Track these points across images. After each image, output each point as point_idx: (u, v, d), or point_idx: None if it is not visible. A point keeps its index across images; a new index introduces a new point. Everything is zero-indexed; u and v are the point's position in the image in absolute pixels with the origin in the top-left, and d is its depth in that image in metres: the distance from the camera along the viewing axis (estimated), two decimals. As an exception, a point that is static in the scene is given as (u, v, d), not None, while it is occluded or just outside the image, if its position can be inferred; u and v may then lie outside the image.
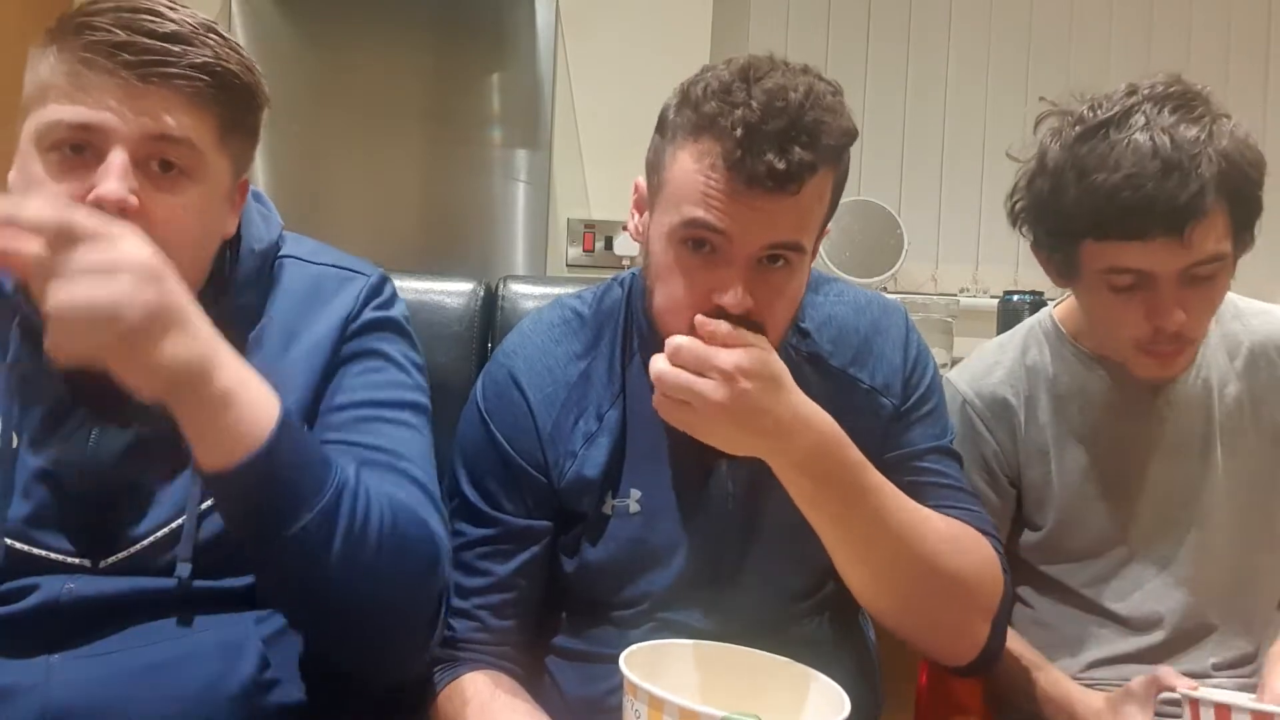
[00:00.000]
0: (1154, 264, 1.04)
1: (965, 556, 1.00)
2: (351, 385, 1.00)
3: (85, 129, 0.85)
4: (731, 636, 0.98)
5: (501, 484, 1.05)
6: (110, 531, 0.91)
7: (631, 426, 1.05)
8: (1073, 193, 1.06)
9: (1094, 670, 1.21)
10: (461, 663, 1.04)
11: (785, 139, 0.88)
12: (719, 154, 0.89)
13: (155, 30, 0.86)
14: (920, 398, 1.10)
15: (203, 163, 0.90)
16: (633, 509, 1.05)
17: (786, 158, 0.88)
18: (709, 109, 0.90)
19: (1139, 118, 1.04)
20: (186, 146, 0.88)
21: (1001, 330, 2.08)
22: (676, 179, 0.94)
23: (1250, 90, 2.88)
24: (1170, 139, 1.01)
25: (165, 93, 0.86)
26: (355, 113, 2.58)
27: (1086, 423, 1.21)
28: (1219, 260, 1.05)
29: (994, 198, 2.92)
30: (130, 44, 0.85)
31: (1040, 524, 1.23)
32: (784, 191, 0.89)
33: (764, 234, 0.91)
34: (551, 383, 1.06)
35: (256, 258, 1.00)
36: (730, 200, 0.90)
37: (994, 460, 1.23)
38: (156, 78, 0.85)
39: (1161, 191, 1.00)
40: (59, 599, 0.89)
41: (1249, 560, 1.19)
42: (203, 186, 0.90)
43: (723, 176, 0.89)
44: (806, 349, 1.08)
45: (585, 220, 2.68)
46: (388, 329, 1.05)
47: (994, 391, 1.24)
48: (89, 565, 0.91)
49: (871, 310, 1.12)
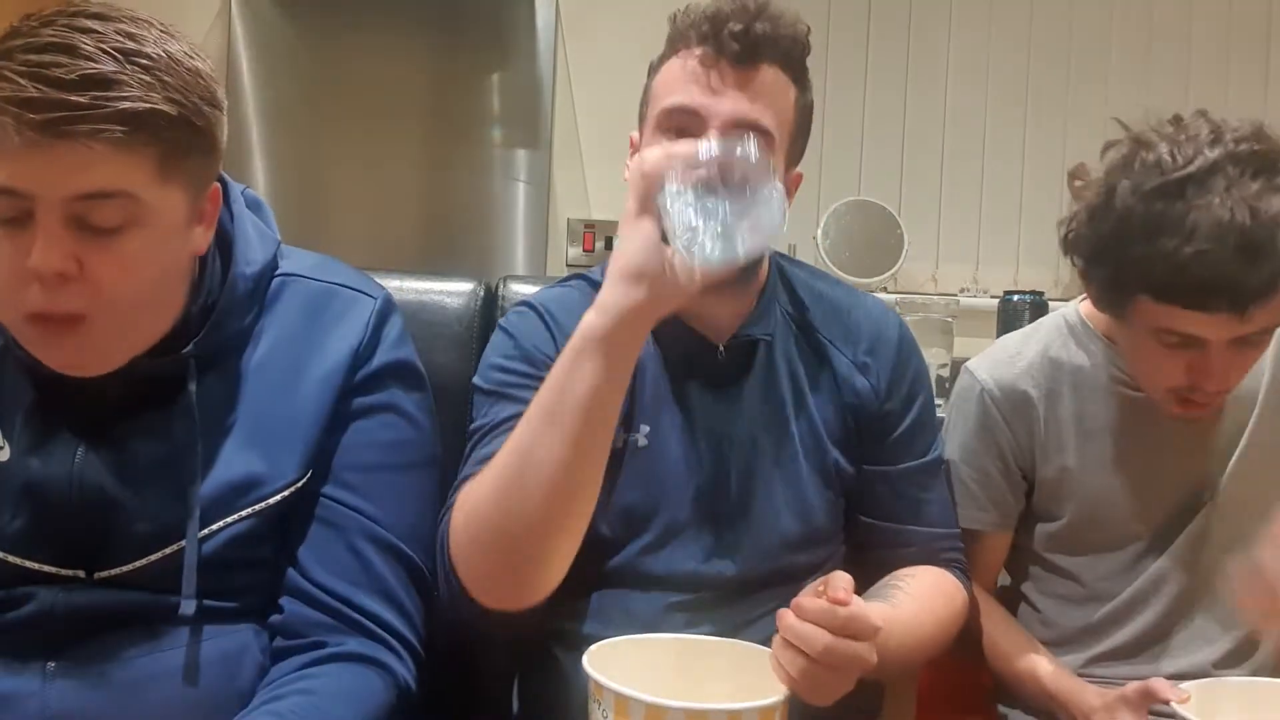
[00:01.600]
0: (1209, 333, 1.04)
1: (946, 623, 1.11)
2: (363, 444, 0.98)
3: (9, 194, 0.79)
4: (730, 586, 1.04)
5: (522, 376, 1.06)
6: (103, 549, 0.90)
7: (641, 364, 1.07)
8: (1140, 249, 1.02)
9: (1095, 666, 1.21)
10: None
11: (747, 17, 1.02)
12: (692, 39, 1.03)
13: (63, 79, 0.76)
14: (906, 400, 1.15)
15: (142, 207, 0.82)
16: (641, 443, 1.08)
17: (748, 27, 1.01)
18: (680, 22, 1.06)
19: (1219, 180, 0.99)
20: (120, 198, 0.81)
21: (1002, 331, 2.08)
22: (657, 86, 1.07)
23: (1251, 89, 2.87)
24: (1250, 214, 0.97)
25: (86, 148, 0.77)
26: (355, 113, 2.58)
27: (1110, 415, 1.21)
28: (1271, 330, 1.06)
29: (994, 198, 2.92)
30: (37, 100, 0.76)
31: (1058, 515, 1.24)
32: (748, 65, 1.02)
33: (732, 106, 1.01)
34: (569, 315, 1.07)
35: (249, 280, 0.95)
36: (702, 79, 1.02)
37: (1009, 451, 1.24)
38: (73, 135, 0.77)
39: (1234, 272, 0.98)
40: (53, 608, 0.88)
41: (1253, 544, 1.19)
42: (149, 229, 0.83)
43: (694, 57, 1.03)
44: (797, 312, 1.16)
45: (585, 220, 2.68)
46: (404, 377, 1.02)
47: (1014, 384, 1.24)
48: (83, 577, 0.90)
49: (870, 310, 1.19)
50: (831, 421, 1.12)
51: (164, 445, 0.91)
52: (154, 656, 0.89)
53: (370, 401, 0.98)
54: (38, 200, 0.79)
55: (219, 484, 0.91)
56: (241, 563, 0.93)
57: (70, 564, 0.90)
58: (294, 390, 0.95)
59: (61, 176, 0.78)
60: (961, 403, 1.26)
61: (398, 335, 1.02)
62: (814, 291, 1.18)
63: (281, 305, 0.98)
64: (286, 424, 0.94)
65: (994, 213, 2.93)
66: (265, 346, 0.96)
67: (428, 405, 1.05)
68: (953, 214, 2.94)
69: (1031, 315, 2.12)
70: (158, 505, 0.90)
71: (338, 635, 0.93)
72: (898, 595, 1.07)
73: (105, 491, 0.89)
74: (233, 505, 0.92)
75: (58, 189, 0.79)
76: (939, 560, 1.15)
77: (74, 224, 0.80)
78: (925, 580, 1.12)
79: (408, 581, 0.97)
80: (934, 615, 1.09)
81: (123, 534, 0.90)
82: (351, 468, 0.97)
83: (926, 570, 1.13)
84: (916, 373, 1.17)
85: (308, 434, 0.95)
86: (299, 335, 0.97)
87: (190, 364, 0.91)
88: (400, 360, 1.01)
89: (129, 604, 0.90)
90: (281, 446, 0.94)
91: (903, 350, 1.16)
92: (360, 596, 0.94)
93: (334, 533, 0.95)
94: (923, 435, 1.16)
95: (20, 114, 0.76)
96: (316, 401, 0.95)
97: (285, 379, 0.95)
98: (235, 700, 0.90)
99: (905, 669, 1.13)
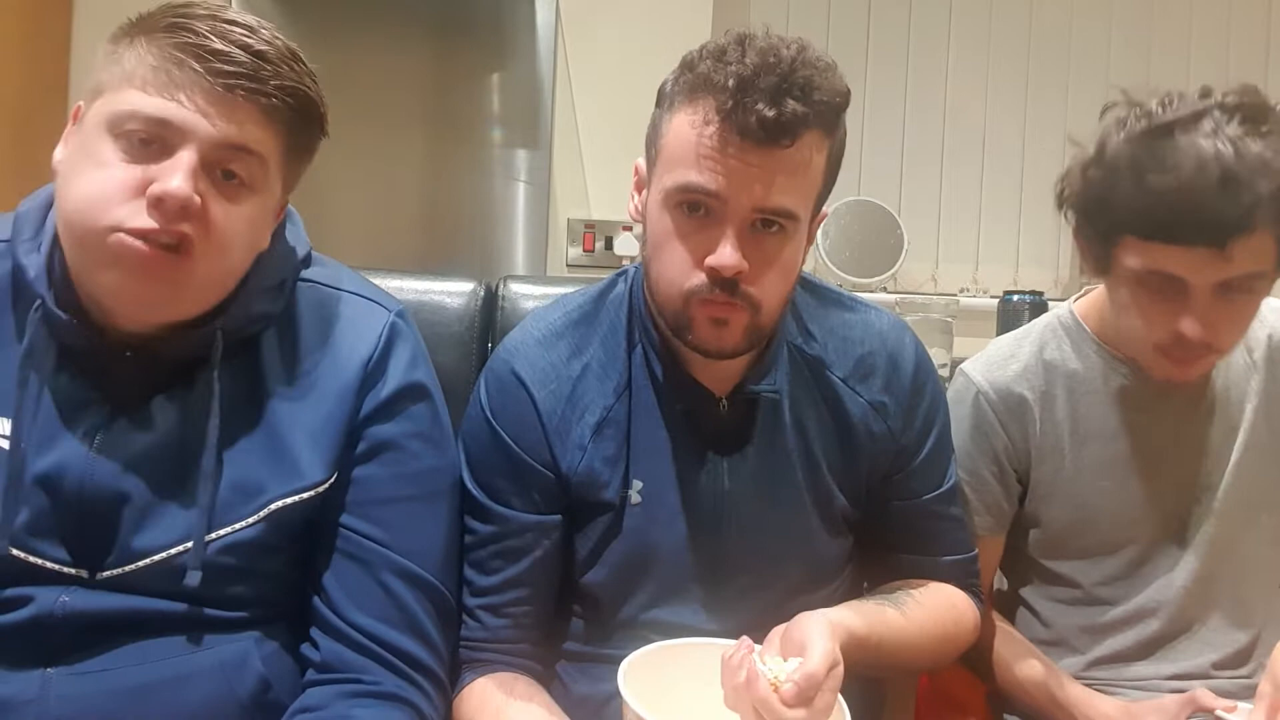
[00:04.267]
0: (1191, 272, 1.03)
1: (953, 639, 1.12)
2: (385, 477, 0.98)
3: (163, 124, 0.85)
4: (729, 633, 0.99)
5: (509, 481, 1.05)
6: (108, 543, 0.90)
7: (635, 418, 1.06)
8: (1126, 188, 1.05)
9: (1095, 669, 1.21)
10: (476, 665, 1.04)
11: (777, 91, 0.89)
12: (712, 108, 0.90)
13: (250, 45, 0.87)
14: (923, 432, 1.12)
15: (265, 177, 0.91)
16: (634, 500, 1.05)
17: (778, 107, 0.88)
18: (703, 69, 0.92)
19: (1207, 123, 1.01)
20: (257, 160, 0.89)
21: (1001, 330, 2.08)
22: (671, 144, 0.95)
23: (1250, 90, 2.88)
24: (1234, 150, 0.99)
25: (248, 106, 0.87)
26: (355, 113, 2.57)
27: (1104, 418, 1.21)
28: (1257, 278, 1.04)
29: (994, 198, 2.93)
30: (225, 53, 0.86)
31: (1043, 519, 1.24)
32: (777, 144, 0.90)
33: (757, 193, 0.92)
34: (555, 378, 1.06)
35: (281, 270, 0.99)
36: (723, 157, 0.90)
37: (1004, 454, 1.23)
38: (244, 91, 0.87)
39: (1213, 202, 0.99)
40: (53, 612, 0.88)
41: (1255, 553, 1.20)
42: (260, 199, 0.92)
43: (716, 131, 0.90)
44: (810, 351, 1.09)
45: (585, 220, 2.68)
46: (416, 401, 1.01)
47: (1009, 386, 1.23)
48: (85, 576, 0.90)
49: (885, 335, 1.12)
50: (840, 468, 1.09)
51: (181, 433, 0.91)
52: (154, 664, 0.89)
53: (389, 433, 0.99)
54: (190, 136, 0.86)
55: (228, 485, 0.92)
56: (247, 572, 0.93)
57: (74, 562, 0.89)
58: (310, 399, 0.96)
59: (226, 124, 0.86)
60: (957, 405, 1.25)
61: (411, 356, 1.02)
62: (825, 325, 1.11)
63: (299, 308, 1.00)
64: (305, 431, 0.95)
65: (994, 213, 2.93)
66: (281, 349, 0.97)
67: (445, 424, 1.05)
68: (953, 214, 2.94)
69: (1031, 315, 2.11)
70: (167, 499, 0.90)
71: (372, 673, 0.95)
72: (907, 602, 1.07)
73: (118, 481, 0.90)
74: (239, 511, 0.92)
75: (216, 133, 0.86)
76: (957, 585, 1.15)
77: (211, 169, 0.87)
78: (938, 593, 1.12)
79: (436, 616, 0.99)
80: (941, 628, 1.09)
81: (130, 529, 0.90)
82: (375, 502, 0.98)
83: (941, 585, 1.14)
84: (932, 399, 1.13)
85: (325, 443, 0.95)
86: (312, 342, 0.98)
87: (218, 341, 0.92)
88: (414, 383, 1.01)
89: (130, 609, 0.89)
90: (300, 452, 0.94)
91: (918, 378, 1.11)
92: (394, 635, 0.96)
93: (362, 569, 0.96)
94: (941, 461, 1.14)
95: (208, 60, 0.85)
96: (331, 414, 0.96)
97: (302, 385, 0.96)
98: (235, 710, 0.90)
99: (904, 672, 1.13)
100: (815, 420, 1.08)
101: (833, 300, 1.13)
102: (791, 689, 0.84)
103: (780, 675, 0.85)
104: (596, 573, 1.06)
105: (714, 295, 0.94)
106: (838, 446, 1.09)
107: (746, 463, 1.06)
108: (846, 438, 1.09)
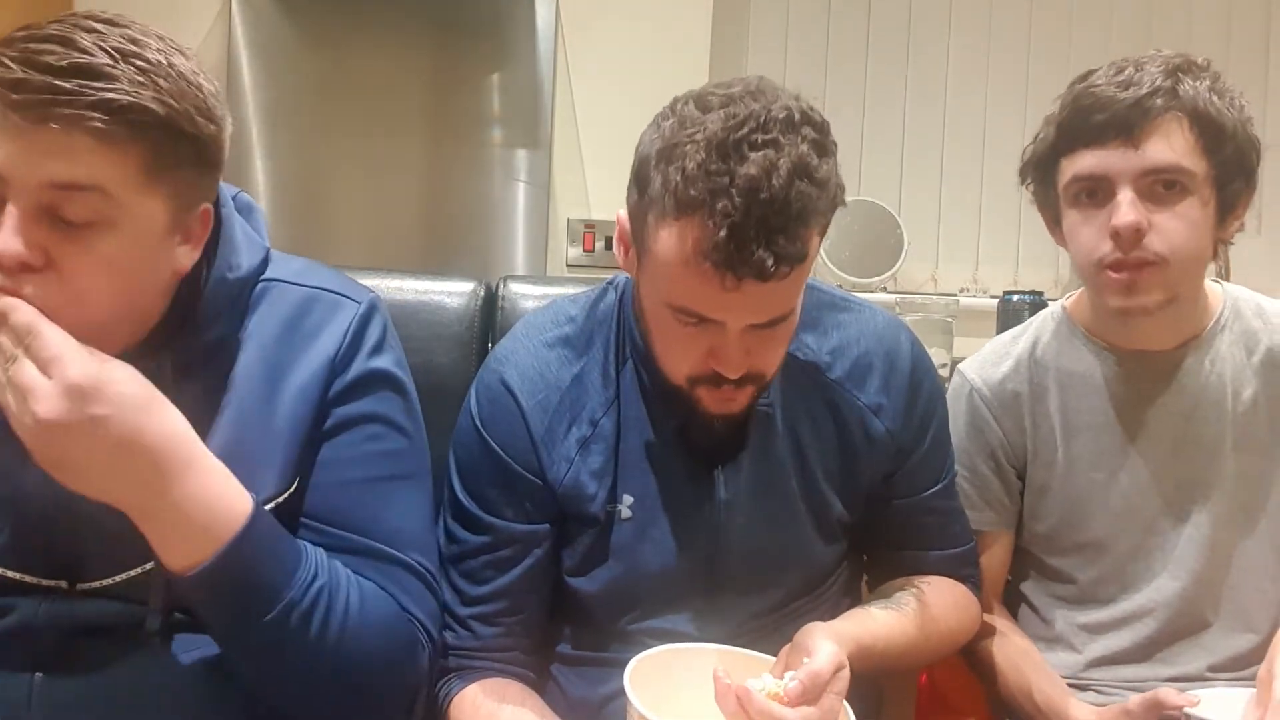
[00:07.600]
0: (1109, 167, 1.09)
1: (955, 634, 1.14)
2: (348, 459, 0.94)
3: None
4: (724, 640, 0.99)
5: (499, 490, 1.05)
6: (81, 559, 0.88)
7: (624, 432, 1.05)
8: (1059, 116, 1.15)
9: (1093, 670, 1.21)
10: (467, 672, 1.04)
11: (771, 231, 0.84)
12: (704, 249, 0.85)
13: (53, 65, 0.75)
14: (921, 430, 1.12)
15: (117, 208, 0.79)
16: (624, 515, 1.05)
17: (773, 250, 0.84)
18: (689, 196, 0.85)
19: (1137, 63, 1.12)
20: (96, 194, 0.78)
21: (1001, 330, 2.07)
22: (660, 256, 0.90)
23: (1250, 89, 2.87)
24: (1135, 66, 1.11)
25: (67, 136, 0.76)
26: (355, 113, 2.58)
27: (1094, 410, 1.22)
28: (1179, 173, 1.08)
29: (994, 198, 2.92)
30: (24, 82, 0.75)
31: (1040, 513, 1.24)
32: (774, 278, 0.86)
33: (756, 314, 0.91)
34: (544, 388, 1.05)
35: (231, 286, 0.92)
36: (720, 292, 0.87)
37: (1000, 449, 1.25)
38: (54, 120, 0.75)
39: (1114, 96, 1.09)
40: (36, 618, 0.87)
41: (1252, 555, 1.19)
42: (122, 235, 0.80)
43: (710, 270, 0.86)
44: (805, 356, 1.08)
45: (585, 220, 2.68)
46: (383, 386, 0.97)
47: (1002, 383, 1.25)
48: (65, 587, 0.88)
49: (881, 334, 1.11)
50: (837, 475, 1.09)
51: None
52: (141, 670, 0.88)
53: (349, 413, 0.95)
54: (11, 184, 0.77)
55: None
56: None
57: (52, 575, 0.88)
58: (272, 402, 0.92)
59: (37, 162, 0.76)
60: (953, 404, 1.26)
61: (377, 341, 0.98)
62: (821, 326, 1.10)
63: (263, 312, 0.94)
64: (264, 437, 0.90)
65: (994, 213, 2.93)
66: (246, 356, 0.92)
67: (414, 412, 1.01)
68: (953, 214, 2.94)
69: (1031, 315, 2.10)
70: None
71: None
72: (911, 604, 1.07)
73: (84, 505, 0.82)
74: None
75: (32, 174, 0.76)
76: (957, 578, 1.16)
77: (46, 214, 0.78)
78: (940, 589, 1.12)
79: (418, 586, 0.95)
80: (945, 625, 1.10)
81: (101, 548, 0.88)
82: (339, 484, 0.93)
83: (942, 580, 1.14)
84: (930, 396, 1.12)
85: (285, 449, 0.91)
86: (280, 344, 0.94)
87: (167, 370, 0.87)
88: (379, 369, 0.97)
89: (113, 615, 0.88)
90: (258, 461, 0.89)
91: (915, 376, 1.11)
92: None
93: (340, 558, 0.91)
94: (939, 457, 1.15)
95: (6, 94, 0.75)
96: (292, 416, 0.92)
97: (264, 390, 0.92)
98: (224, 715, 0.89)
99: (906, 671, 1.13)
100: (810, 428, 1.08)
101: (827, 302, 1.12)
102: (796, 687, 0.85)
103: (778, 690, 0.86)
104: (588, 586, 1.06)
105: (721, 390, 0.96)
106: (835, 453, 1.08)
107: (740, 474, 1.05)
108: (844, 444, 1.08)
